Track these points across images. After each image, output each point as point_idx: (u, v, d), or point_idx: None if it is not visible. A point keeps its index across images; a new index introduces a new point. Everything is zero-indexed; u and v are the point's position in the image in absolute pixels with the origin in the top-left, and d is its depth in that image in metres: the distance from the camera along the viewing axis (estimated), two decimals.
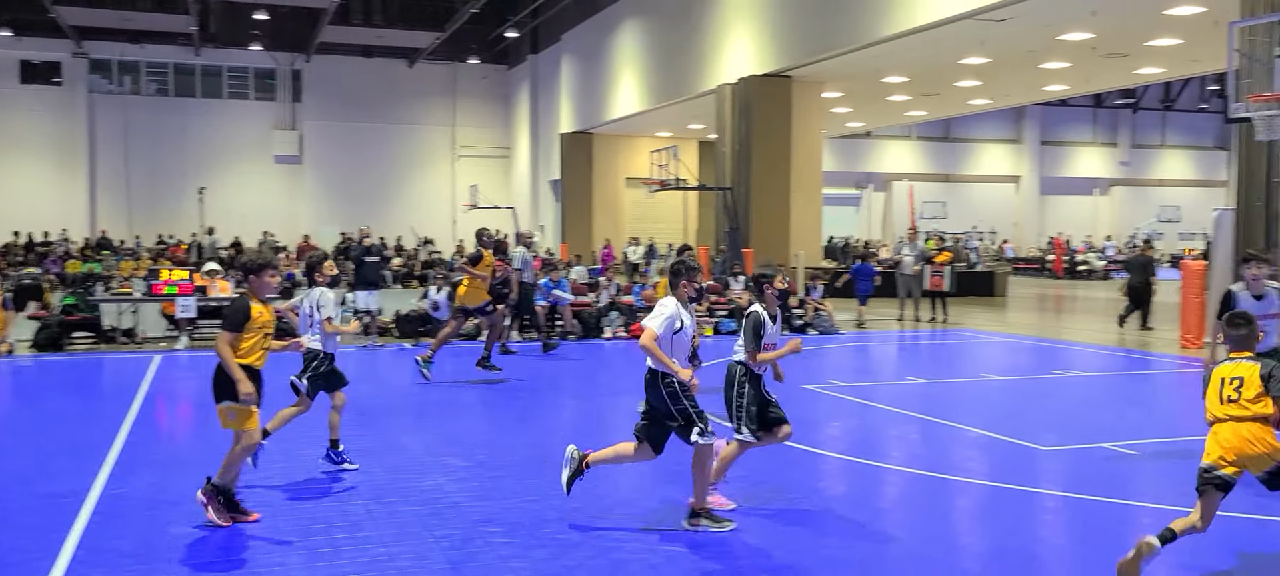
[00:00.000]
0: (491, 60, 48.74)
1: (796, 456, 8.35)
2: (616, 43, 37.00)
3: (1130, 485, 7.45)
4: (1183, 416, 10.56)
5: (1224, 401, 5.39)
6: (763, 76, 27.33)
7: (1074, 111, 51.03)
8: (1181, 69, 28.41)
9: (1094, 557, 5.77)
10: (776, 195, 27.71)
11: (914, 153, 49.77)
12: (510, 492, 7.12)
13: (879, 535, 6.23)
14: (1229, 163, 49.75)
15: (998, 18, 20.33)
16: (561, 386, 12.56)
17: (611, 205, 42.13)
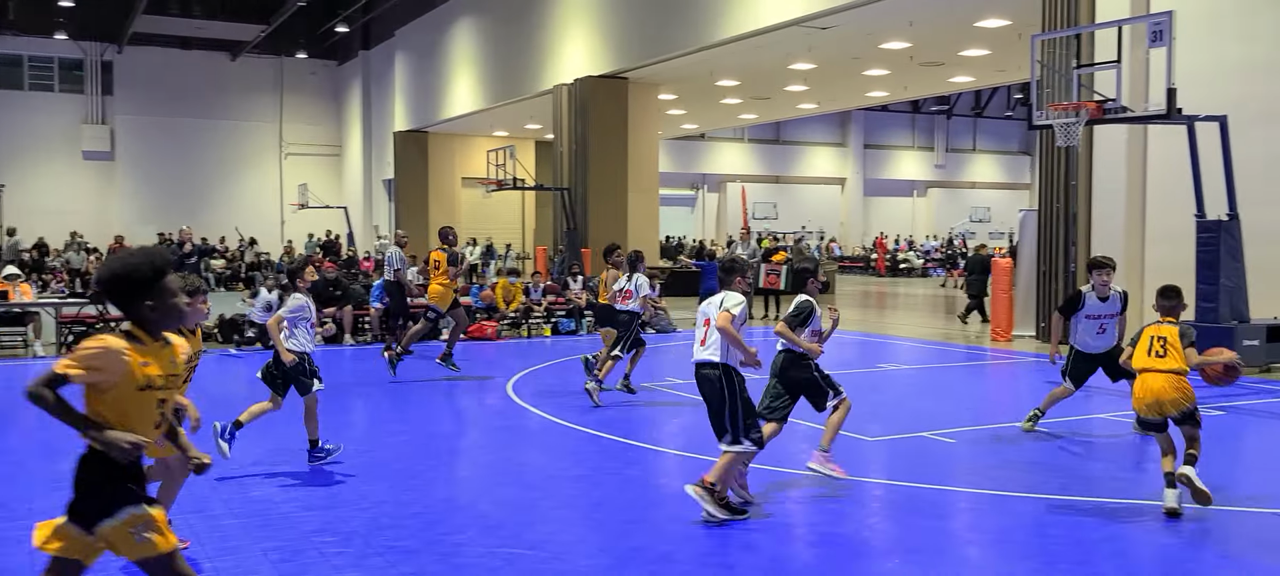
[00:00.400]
0: (321, 55, 47.19)
1: (636, 453, 8.44)
2: (452, 41, 36.48)
3: (948, 471, 7.86)
4: (996, 404, 11.23)
5: (1151, 355, 6.65)
6: (599, 77, 27.49)
7: (894, 117, 53.47)
8: (990, 78, 30.22)
9: (915, 541, 6.07)
10: (614, 195, 27.92)
11: (746, 154, 51.08)
12: (345, 501, 6.92)
13: (715, 529, 6.36)
14: (1033, 167, 53.16)
15: (823, 25, 21.09)
16: (397, 389, 12.29)
17: (448, 205, 41.49)
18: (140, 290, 3.62)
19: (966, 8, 19.79)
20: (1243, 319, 13.20)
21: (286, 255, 37.03)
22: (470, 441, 9.36)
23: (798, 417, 7.57)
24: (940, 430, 9.27)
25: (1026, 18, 19.07)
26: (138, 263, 3.65)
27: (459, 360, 13.23)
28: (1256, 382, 12.27)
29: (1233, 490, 7.31)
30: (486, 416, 10.51)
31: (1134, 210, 15.87)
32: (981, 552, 5.94)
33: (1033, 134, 25.78)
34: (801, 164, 52.33)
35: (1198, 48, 14.37)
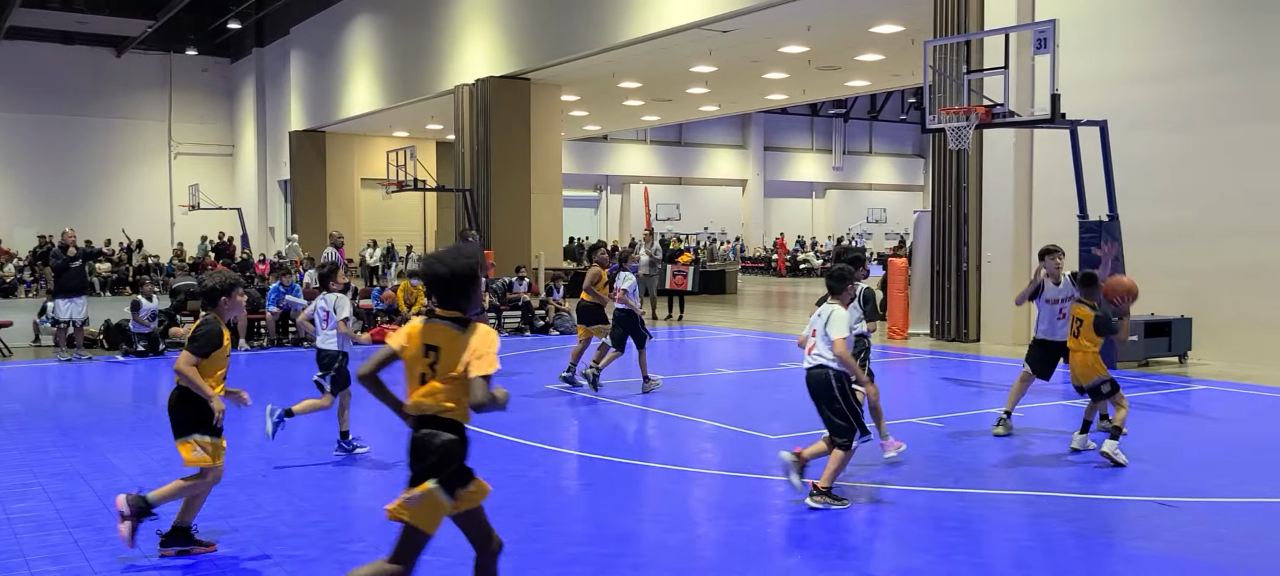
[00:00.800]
0: (212, 52, 45.82)
1: (538, 455, 8.41)
2: (349, 39, 35.81)
3: (848, 468, 8.02)
4: (892, 401, 11.50)
5: (1073, 336, 8.11)
6: (501, 78, 27.33)
7: (793, 120, 54.41)
8: (885, 83, 31.00)
9: (816, 536, 6.19)
10: (517, 196, 27.77)
11: (649, 156, 51.35)
12: (240, 510, 6.74)
13: (619, 529, 6.39)
14: (926, 169, 54.71)
15: (723, 29, 21.35)
16: (295, 394, 12.00)
17: (347, 206, 40.73)
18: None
19: (862, 14, 20.26)
20: (1123, 315, 13.78)
21: (176, 257, 35.85)
22: (372, 445, 9.19)
23: (726, 421, 7.62)
24: None
25: (919, 24, 19.63)
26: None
27: (358, 364, 12.96)
28: (1136, 377, 12.84)
29: (1113, 480, 7.64)
30: (389, 421, 10.33)
31: (1021, 211, 16.45)
32: (881, 546, 6.08)
33: (926, 137, 26.49)
34: (703, 165, 52.85)
35: (1081, 55, 14.97)
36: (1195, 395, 11.68)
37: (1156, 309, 14.40)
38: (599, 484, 7.67)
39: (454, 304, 4.16)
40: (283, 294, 17.20)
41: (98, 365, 14.68)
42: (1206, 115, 14.33)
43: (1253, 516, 6.55)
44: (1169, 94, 14.69)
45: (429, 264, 4.20)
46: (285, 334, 17.30)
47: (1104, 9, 15.39)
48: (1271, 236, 13.64)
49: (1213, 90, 14.26)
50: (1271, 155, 13.66)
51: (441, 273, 4.15)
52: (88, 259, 16.88)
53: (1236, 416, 10.26)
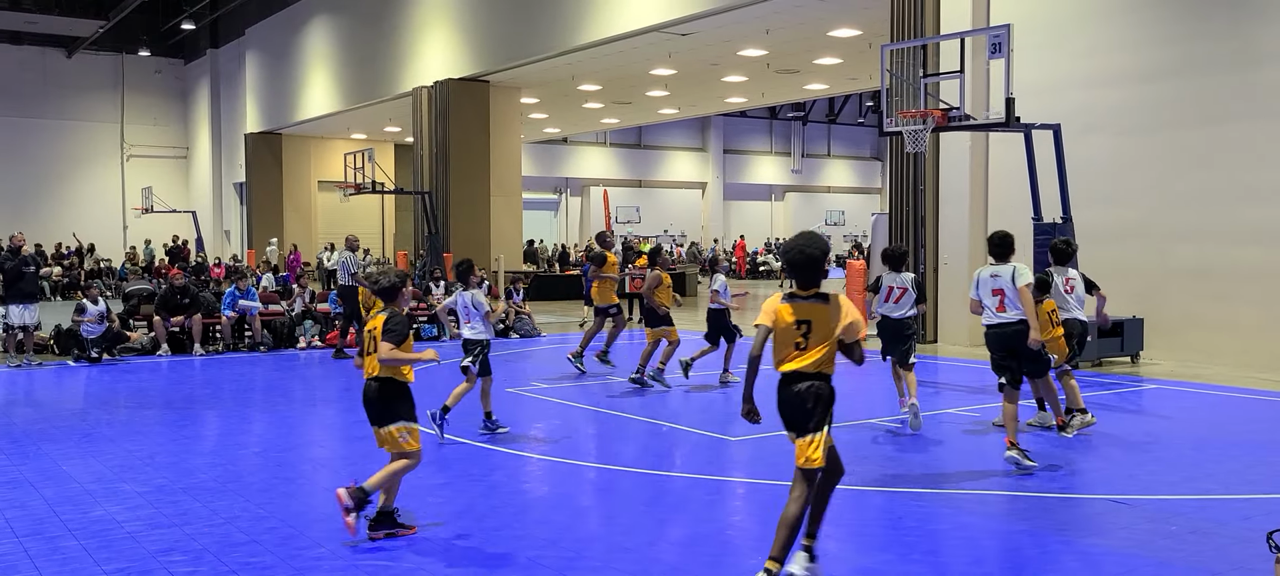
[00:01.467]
0: (165, 53, 45.18)
1: (500, 459, 8.38)
2: (306, 40, 35.47)
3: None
4: (852, 402, 11.59)
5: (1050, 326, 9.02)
6: (460, 80, 27.21)
7: (752, 123, 54.66)
8: (843, 86, 31.25)
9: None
10: (476, 199, 27.66)
11: (609, 158, 51.34)
12: (195, 517, 6.63)
13: (581, 532, 6.38)
14: (884, 172, 55.19)
15: (682, 32, 21.42)
16: (251, 400, 11.87)
17: (304, 209, 40.32)
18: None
19: (820, 17, 20.40)
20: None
21: (129, 261, 35.29)
22: (330, 452, 9.10)
23: (684, 422, 7.62)
24: None
25: (877, 28, 19.81)
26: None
27: (321, 367, 12.88)
28: (1090, 376, 13.04)
29: (1067, 478, 7.75)
30: (346, 426, 10.25)
31: (977, 213, 16.65)
32: (840, 546, 6.12)
33: (884, 140, 26.75)
34: (663, 168, 52.93)
35: (1035, 60, 15.19)
36: (1147, 394, 11.88)
37: (1109, 310, 14.63)
38: (559, 487, 7.65)
39: (813, 282, 5.08)
40: (238, 298, 16.99)
41: (48, 371, 14.41)
42: (1155, 119, 14.60)
43: (1203, 513, 6.67)
44: (1119, 98, 14.94)
45: (788, 252, 5.15)
46: (241, 338, 17.08)
47: (1057, 15, 15.63)
48: (1218, 238, 13.93)
49: (1161, 94, 14.53)
50: (1217, 158, 13.94)
51: (799, 259, 5.07)
52: (37, 264, 16.57)
53: (1186, 415, 10.45)
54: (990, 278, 8.08)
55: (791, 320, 5.05)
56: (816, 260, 5.05)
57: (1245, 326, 13.63)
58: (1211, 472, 7.75)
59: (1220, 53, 13.88)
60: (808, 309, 5.04)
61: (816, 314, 5.03)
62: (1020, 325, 7.93)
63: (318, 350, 16.89)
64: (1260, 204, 13.47)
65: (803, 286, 5.09)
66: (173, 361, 15.55)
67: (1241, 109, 13.67)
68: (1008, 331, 7.97)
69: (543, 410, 10.88)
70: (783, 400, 5.18)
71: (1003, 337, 8.02)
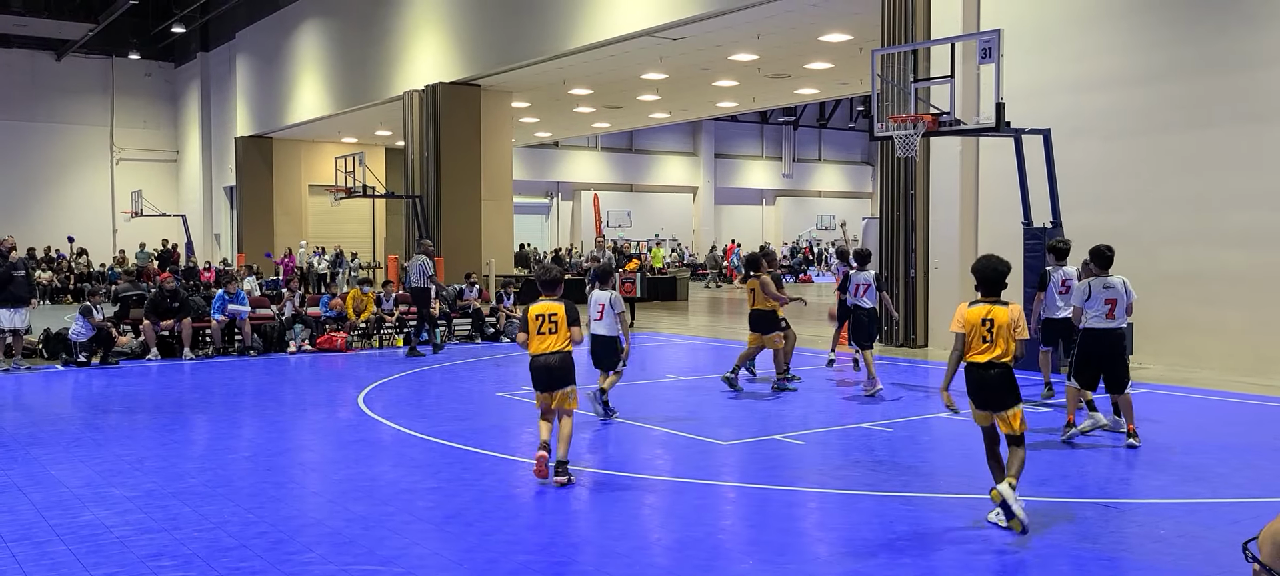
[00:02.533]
0: (155, 56, 45.05)
1: (491, 464, 8.37)
2: (297, 44, 35.41)
3: (797, 472, 8.09)
4: (842, 407, 11.60)
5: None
6: (451, 84, 27.19)
7: (743, 127, 54.74)
8: (833, 91, 31.31)
9: (767, 539, 6.23)
10: (467, 203, 27.64)
11: (600, 163, 51.36)
12: (184, 522, 6.62)
13: (570, 537, 6.38)
14: (874, 176, 55.29)
15: (674, 36, 21.44)
16: (241, 404, 11.83)
17: (294, 213, 40.24)
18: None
19: (811, 22, 20.45)
20: None
21: (118, 264, 35.15)
22: (320, 457, 9.08)
23: (654, 421, 7.61)
24: (790, 433, 9.54)
25: (867, 33, 19.86)
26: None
27: (310, 370, 12.85)
28: None
29: (1056, 483, 7.78)
30: (337, 430, 10.24)
31: (967, 217, 16.70)
32: (830, 550, 6.13)
33: (874, 145, 26.81)
34: (654, 172, 52.97)
35: (1025, 64, 15.25)
36: (1136, 399, 11.90)
37: None
38: (550, 491, 7.65)
39: (996, 291, 6.53)
40: (227, 302, 16.94)
41: (37, 375, 14.35)
42: (1143, 123, 14.66)
43: (1192, 517, 6.70)
44: (1108, 102, 15.01)
45: (982, 268, 6.53)
46: (231, 342, 17.03)
47: (1046, 20, 15.69)
48: (1204, 242, 13.99)
49: (1149, 99, 14.59)
50: (1203, 162, 14.01)
51: (991, 275, 6.50)
52: (28, 267, 16.50)
53: (1175, 419, 10.50)
54: (1103, 288, 9.02)
55: (978, 320, 6.47)
56: (1003, 273, 6.51)
57: (1232, 330, 13.70)
58: (1200, 476, 7.79)
59: (1207, 57, 13.96)
60: (993, 310, 6.46)
61: (1000, 314, 6.43)
62: (1121, 330, 9.03)
63: (308, 354, 16.86)
64: (1247, 208, 13.54)
65: (988, 294, 6.53)
66: (162, 365, 15.50)
67: (1228, 113, 13.74)
68: (1115, 336, 8.95)
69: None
70: (981, 383, 6.48)
71: (1112, 341, 8.95)
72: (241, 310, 16.95)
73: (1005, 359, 6.39)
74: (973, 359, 6.47)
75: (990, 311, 6.43)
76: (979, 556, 5.95)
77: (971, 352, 6.48)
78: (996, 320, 6.39)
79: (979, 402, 6.54)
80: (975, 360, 6.45)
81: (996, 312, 6.41)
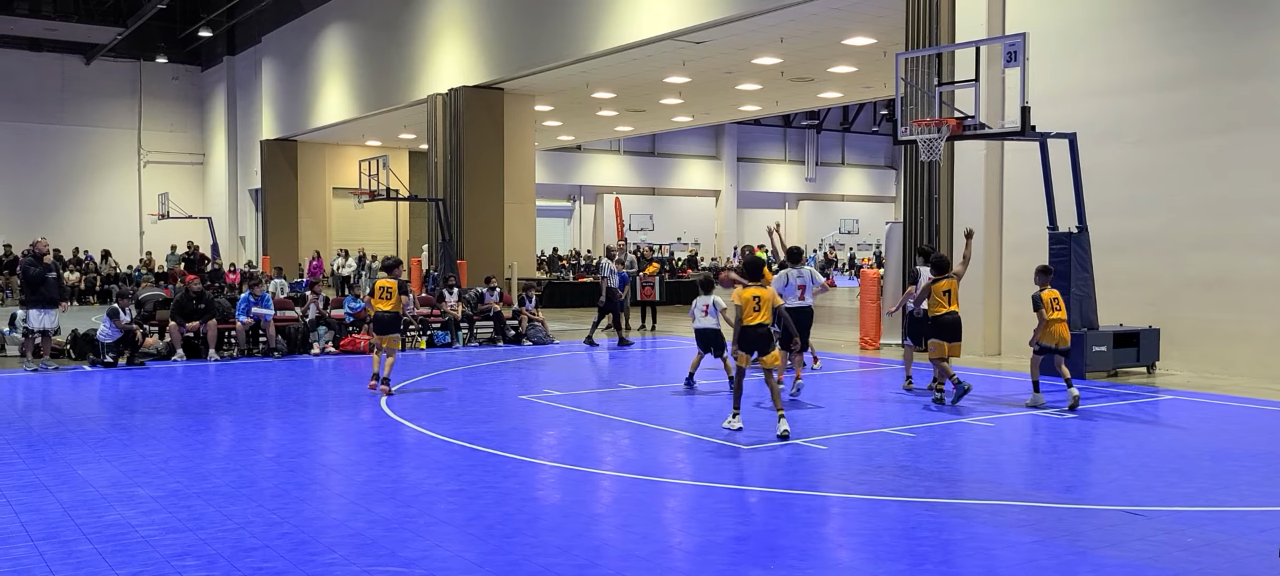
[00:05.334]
0: (182, 60, 45.50)
1: (513, 466, 8.38)
2: (321, 47, 35.67)
3: (819, 477, 8.06)
4: (865, 411, 11.55)
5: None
6: (474, 88, 27.31)
7: (766, 131, 54.63)
8: (857, 94, 31.22)
9: (789, 544, 6.20)
10: (490, 206, 27.74)
11: (622, 166, 51.40)
12: (208, 522, 6.66)
13: (591, 540, 6.38)
14: (898, 180, 55.04)
15: (697, 40, 21.44)
16: (265, 405, 11.91)
17: (318, 215, 40.52)
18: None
19: (834, 26, 20.39)
20: (1092, 326, 13.94)
21: (145, 267, 35.49)
22: (342, 458, 9.13)
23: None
24: (813, 437, 9.50)
25: (891, 37, 19.78)
26: None
27: (334, 371, 12.92)
28: (1104, 387, 12.97)
29: (1082, 489, 7.71)
30: (360, 432, 10.29)
31: (992, 222, 16.58)
32: (852, 555, 6.10)
33: (898, 149, 26.68)
34: (677, 176, 52.95)
35: (1051, 68, 15.14)
36: (1163, 405, 11.80)
37: (1125, 319, 14.55)
38: (571, 495, 7.66)
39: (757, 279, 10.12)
40: (252, 304, 17.06)
41: (65, 375, 14.50)
42: (1169, 128, 14.52)
43: (1219, 525, 6.62)
44: (1133, 107, 14.87)
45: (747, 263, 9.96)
46: (255, 344, 17.15)
47: (1072, 23, 15.57)
48: (1232, 247, 13.84)
49: (1175, 103, 14.45)
50: (1231, 167, 13.86)
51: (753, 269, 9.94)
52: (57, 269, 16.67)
53: (1203, 426, 10.38)
54: (796, 276, 12.25)
55: (750, 297, 9.61)
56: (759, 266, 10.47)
57: (1262, 336, 13.53)
58: (1228, 484, 7.70)
59: (1235, 62, 13.81)
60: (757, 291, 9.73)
61: (763, 294, 9.70)
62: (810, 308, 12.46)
63: (331, 356, 16.95)
64: (1275, 213, 13.38)
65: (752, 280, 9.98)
66: (188, 367, 15.63)
67: (1256, 118, 13.58)
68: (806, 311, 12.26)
69: (555, 417, 10.88)
70: (753, 337, 9.46)
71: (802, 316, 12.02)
72: (266, 313, 17.06)
73: (768, 322, 9.47)
74: (747, 322, 9.43)
75: (757, 292, 9.63)
76: (1002, 564, 5.90)
77: (747, 319, 9.44)
78: (762, 297, 9.62)
79: (747, 348, 9.46)
80: (748, 323, 9.42)
81: (762, 293, 9.67)
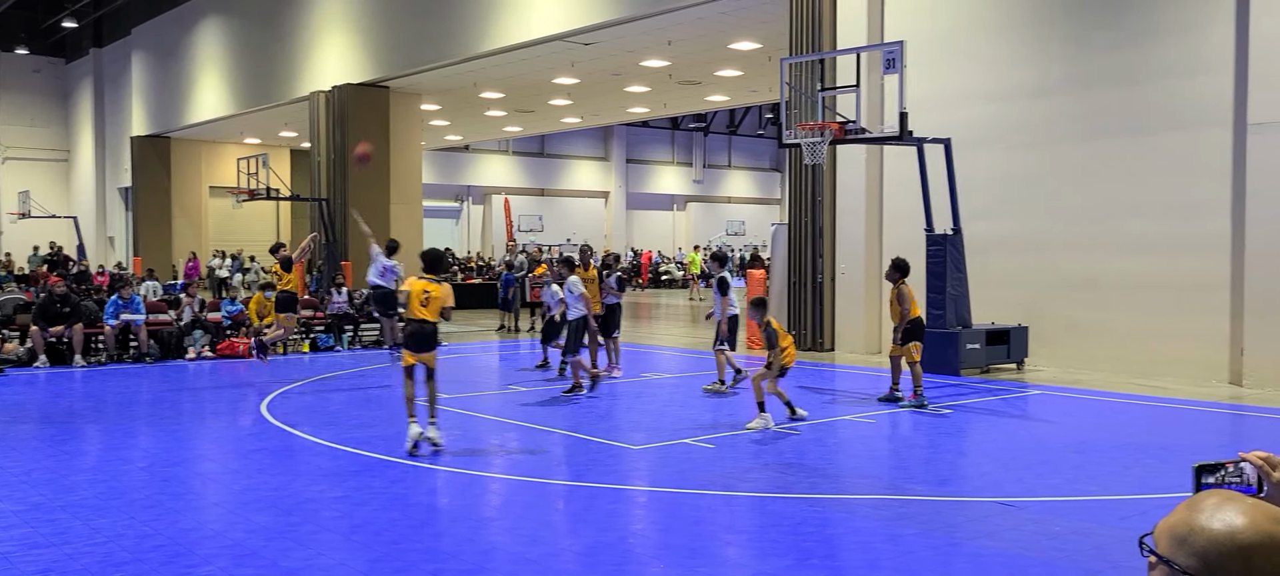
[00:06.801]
0: (45, 52, 43.33)
1: (399, 471, 8.24)
2: (197, 41, 34.41)
3: (709, 476, 8.15)
4: (751, 410, 11.75)
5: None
6: (359, 85, 26.75)
7: (655, 133, 54.96)
8: (743, 98, 31.68)
9: (678, 543, 6.26)
10: (375, 206, 27.19)
11: (511, 167, 51.02)
12: (75, 536, 6.36)
13: (480, 544, 6.32)
14: (783, 183, 56.06)
15: (585, 41, 21.44)
16: (136, 413, 11.43)
17: (194, 215, 39.08)
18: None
19: (721, 30, 20.65)
20: (966, 324, 14.46)
21: (4, 269, 33.67)
22: (221, 466, 8.82)
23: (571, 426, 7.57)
24: (701, 436, 9.60)
25: (776, 42, 20.14)
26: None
27: (209, 377, 12.48)
28: (977, 382, 13.47)
29: (957, 482, 7.99)
30: (239, 439, 9.96)
31: (872, 224, 17.05)
32: (739, 552, 6.19)
33: (783, 152, 27.14)
34: (566, 177, 52.84)
35: (928, 75, 15.64)
36: (1031, 399, 12.32)
37: (996, 318, 15.14)
38: (460, 499, 7.57)
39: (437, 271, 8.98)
40: (121, 307, 16.36)
41: None
42: (1040, 134, 15.17)
43: (1084, 514, 6.95)
44: (1006, 113, 15.48)
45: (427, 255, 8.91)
46: (126, 349, 16.45)
47: (946, 32, 16.12)
48: (1097, 249, 14.53)
49: (1045, 110, 15.10)
50: (1099, 172, 14.55)
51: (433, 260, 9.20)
52: None
53: (1068, 420, 10.87)
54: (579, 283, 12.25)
55: (420, 290, 8.69)
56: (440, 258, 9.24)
57: (1121, 334, 14.25)
58: (1092, 475, 8.08)
59: (1101, 72, 14.50)
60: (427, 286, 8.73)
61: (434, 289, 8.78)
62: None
63: (208, 361, 16.38)
64: (1141, 217, 14.10)
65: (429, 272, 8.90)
66: (51, 374, 14.89)
67: (1122, 126, 14.29)
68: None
69: (444, 420, 10.73)
70: (417, 334, 8.66)
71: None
72: (136, 317, 16.37)
73: (434, 319, 8.57)
74: (412, 316, 8.57)
75: (429, 287, 8.59)
76: (884, 556, 6.07)
77: (413, 313, 8.59)
78: (432, 293, 8.54)
79: (412, 348, 8.58)
80: (414, 317, 8.55)
81: (433, 288, 8.55)
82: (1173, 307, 13.70)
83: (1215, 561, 1.42)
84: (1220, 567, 1.42)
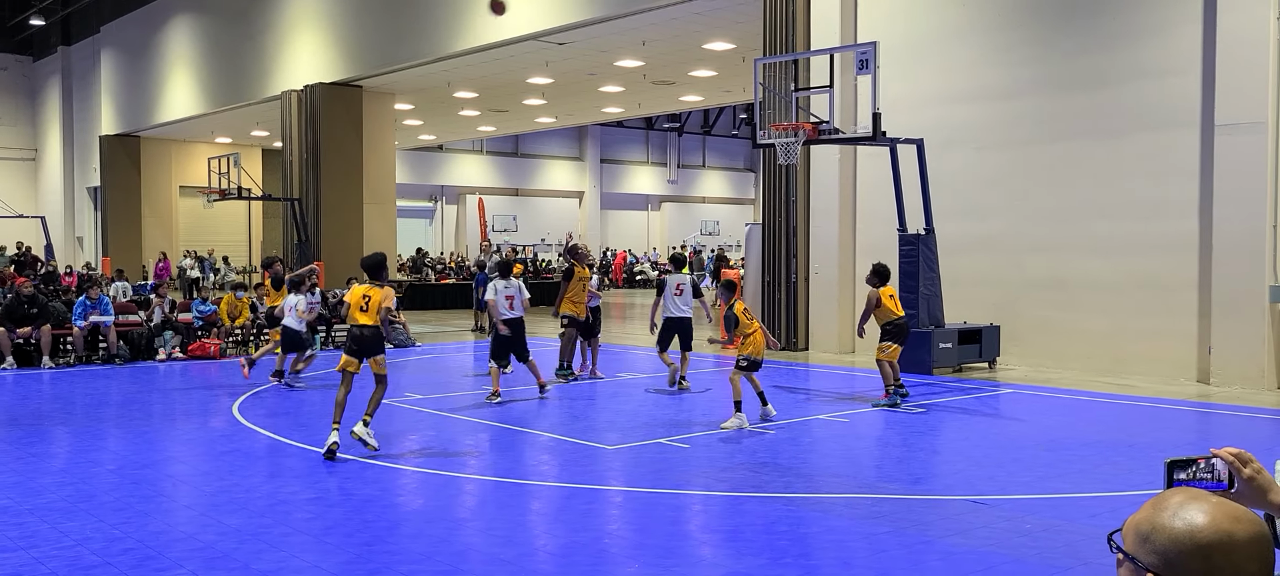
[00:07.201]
0: (12, 50, 42.79)
1: (373, 472, 8.20)
2: (167, 39, 34.09)
3: (684, 475, 8.17)
4: (726, 409, 11.76)
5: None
6: (331, 84, 26.59)
7: (629, 133, 54.96)
8: (717, 98, 31.74)
9: (653, 543, 6.26)
10: (348, 206, 27.07)
11: (485, 167, 50.86)
12: (42, 540, 6.28)
13: (457, 545, 6.30)
14: (757, 183, 56.20)
15: (560, 41, 21.42)
16: (105, 415, 11.31)
17: (164, 215, 38.70)
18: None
19: (695, 30, 20.69)
20: (939, 323, 14.56)
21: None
22: (191, 468, 8.74)
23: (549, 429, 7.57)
24: (676, 436, 9.62)
25: (750, 43, 20.20)
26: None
27: (180, 378, 12.36)
28: (950, 382, 13.56)
29: (930, 481, 8.04)
30: (210, 440, 9.88)
31: (846, 224, 17.13)
32: (714, 552, 6.21)
33: (757, 152, 27.25)
34: (540, 177, 52.74)
35: (900, 76, 15.73)
36: (1002, 398, 12.43)
37: (968, 317, 15.25)
38: (433, 500, 7.54)
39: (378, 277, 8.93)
40: (90, 308, 16.18)
41: None
42: (1010, 135, 15.29)
43: (1054, 511, 7.01)
44: (976, 115, 15.60)
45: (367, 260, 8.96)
46: (94, 350, 16.27)
47: (918, 34, 16.22)
48: (1068, 249, 14.67)
49: (1014, 112, 15.23)
50: (1068, 174, 14.69)
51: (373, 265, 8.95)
52: None
53: (1039, 418, 10.97)
54: (505, 286, 11.86)
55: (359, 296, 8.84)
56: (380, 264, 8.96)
57: (1091, 333, 14.39)
58: (1062, 472, 8.16)
59: (1068, 75, 14.64)
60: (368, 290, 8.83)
61: (374, 294, 8.70)
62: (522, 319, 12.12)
63: (178, 362, 16.22)
64: (1107, 218, 14.25)
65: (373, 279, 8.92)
66: (19, 375, 14.71)
67: (1090, 128, 14.43)
68: (518, 321, 11.98)
69: (416, 421, 10.70)
70: (357, 339, 8.74)
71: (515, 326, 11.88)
72: (105, 319, 16.20)
73: (374, 323, 8.59)
74: (354, 321, 8.66)
75: (369, 292, 8.64)
76: (857, 554, 6.10)
77: (352, 318, 8.69)
78: (372, 298, 8.59)
79: (352, 352, 8.66)
80: (355, 322, 8.63)
81: (373, 293, 8.60)
82: (1142, 307, 13.86)
83: (1176, 559, 1.44)
84: (1181, 565, 1.44)
